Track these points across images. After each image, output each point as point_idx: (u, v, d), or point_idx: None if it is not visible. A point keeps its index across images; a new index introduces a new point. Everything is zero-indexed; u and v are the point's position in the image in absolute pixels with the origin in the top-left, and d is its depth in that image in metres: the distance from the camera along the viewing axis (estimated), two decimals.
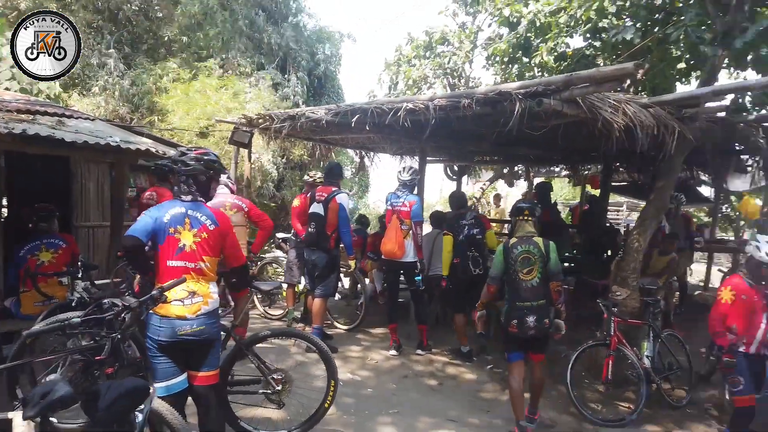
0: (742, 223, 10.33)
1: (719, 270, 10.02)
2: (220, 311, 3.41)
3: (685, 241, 8.39)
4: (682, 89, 7.28)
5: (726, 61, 6.36)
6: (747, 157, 7.19)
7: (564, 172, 12.19)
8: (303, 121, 6.56)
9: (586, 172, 11.12)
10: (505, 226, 11.29)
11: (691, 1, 5.38)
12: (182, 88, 11.86)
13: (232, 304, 6.24)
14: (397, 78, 12.12)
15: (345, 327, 7.27)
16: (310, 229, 6.16)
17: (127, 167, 6.83)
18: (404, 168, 6.32)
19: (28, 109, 6.07)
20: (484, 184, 13.24)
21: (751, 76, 7.55)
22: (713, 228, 10.37)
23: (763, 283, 4.16)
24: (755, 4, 5.26)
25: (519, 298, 4.26)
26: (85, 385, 2.73)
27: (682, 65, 7.02)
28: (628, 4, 5.60)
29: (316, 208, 6.10)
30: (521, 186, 13.63)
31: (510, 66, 8.50)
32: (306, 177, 7.40)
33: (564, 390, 5.14)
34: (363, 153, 10.38)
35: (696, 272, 11.52)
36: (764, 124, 6.14)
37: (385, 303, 6.94)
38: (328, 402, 4.13)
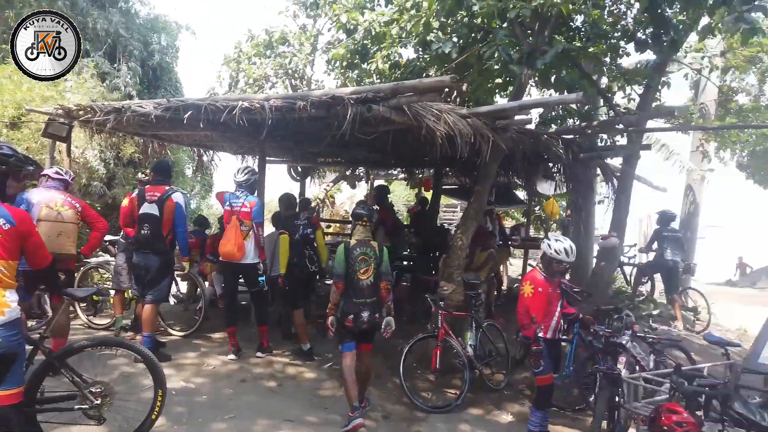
0: (552, 223, 11.75)
1: (530, 265, 11.31)
2: (34, 323, 3.05)
3: (500, 238, 9.37)
4: (501, 103, 8.10)
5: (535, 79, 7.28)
6: (552, 165, 8.19)
7: (401, 175, 12.82)
8: (129, 115, 6.08)
9: (421, 176, 11.83)
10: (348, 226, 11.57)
11: (504, 24, 6.00)
12: None
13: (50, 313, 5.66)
14: (237, 75, 11.79)
15: (181, 333, 6.88)
16: (142, 231, 5.75)
17: None
18: (240, 169, 6.17)
19: None
20: (328, 185, 13.45)
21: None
22: (527, 227, 11.66)
23: (557, 276, 4.77)
24: (554, 31, 6.04)
25: (356, 295, 4.65)
26: None
27: (499, 81, 7.83)
28: (450, 21, 6.07)
29: (149, 208, 5.70)
30: (363, 187, 14.09)
31: (348, 71, 8.72)
32: (140, 175, 6.92)
33: (398, 382, 5.41)
34: (202, 151, 9.93)
35: (516, 267, 12.88)
36: (564, 136, 7.09)
37: (223, 306, 6.73)
38: (155, 413, 3.92)
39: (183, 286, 8.04)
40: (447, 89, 8.22)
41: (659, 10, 5.44)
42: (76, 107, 6.81)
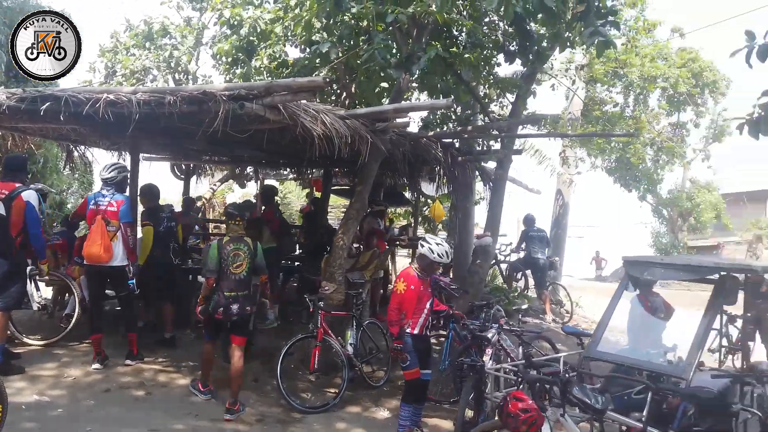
0: (438, 224, 12.19)
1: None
2: None
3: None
4: None
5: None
6: (434, 167, 8.50)
7: (291, 175, 12.70)
8: None
9: (311, 176, 11.78)
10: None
11: (384, 28, 6.14)
12: None
13: None
14: (114, 67, 11.05)
15: (41, 342, 6.30)
16: None
17: None
18: (107, 165, 5.83)
19: None
20: (215, 185, 13.00)
21: None
22: (415, 227, 12.01)
23: (431, 275, 4.96)
24: (433, 38, 6.28)
25: (228, 289, 4.94)
26: None
27: (386, 85, 8.01)
28: (333, 21, 6.12)
29: None
30: (254, 187, 13.77)
31: (235, 67, 8.50)
32: None
33: (276, 384, 5.35)
34: (71, 146, 9.17)
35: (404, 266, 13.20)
36: (442, 139, 7.40)
37: (88, 312, 6.28)
38: None
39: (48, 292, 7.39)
40: (338, 91, 8.39)
41: (524, 24, 5.82)
42: None
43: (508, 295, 9.10)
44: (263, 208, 8.48)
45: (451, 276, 9.39)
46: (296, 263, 9.38)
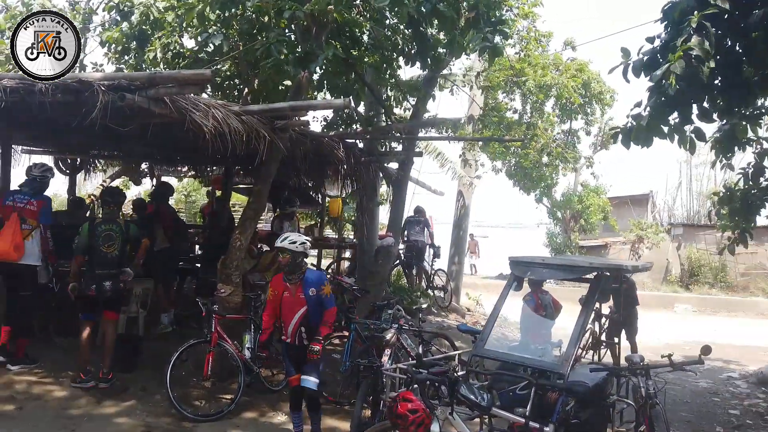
0: (343, 223, 12.18)
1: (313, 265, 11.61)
2: None
3: None
4: None
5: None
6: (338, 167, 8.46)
7: (190, 173, 12.17)
8: None
9: (211, 173, 11.34)
10: None
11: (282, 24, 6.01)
12: None
13: None
14: None
15: None
16: None
17: None
18: (37, 165, 5.90)
19: None
20: (105, 181, 12.14)
21: None
22: (321, 228, 11.91)
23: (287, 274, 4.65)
24: (334, 38, 6.22)
25: (100, 267, 5.27)
26: None
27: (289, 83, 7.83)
28: (228, 14, 5.89)
29: None
30: (149, 184, 13.03)
31: (125, 56, 7.97)
32: None
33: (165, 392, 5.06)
34: None
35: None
36: (345, 139, 7.36)
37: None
38: None
39: None
40: (240, 87, 8.09)
41: (420, 28, 5.92)
42: None
43: (411, 295, 9.24)
44: (155, 205, 8.00)
45: (355, 277, 9.44)
46: (195, 265, 8.98)
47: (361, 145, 8.20)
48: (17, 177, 6.50)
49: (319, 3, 5.29)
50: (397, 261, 10.18)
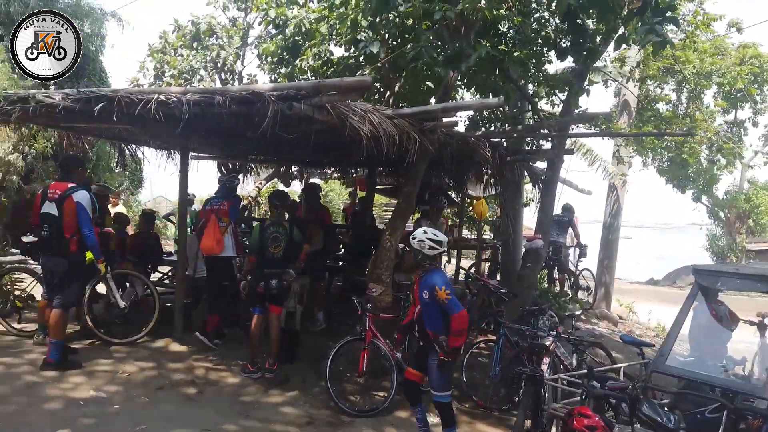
0: (482, 224, 11.95)
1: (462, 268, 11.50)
2: None
3: None
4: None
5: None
6: (481, 167, 8.29)
7: (335, 174, 12.70)
8: (35, 105, 5.62)
9: (355, 175, 11.74)
10: None
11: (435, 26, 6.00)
12: None
13: None
14: (163, 67, 11.28)
15: (121, 340, 6.27)
16: (42, 232, 5.36)
17: None
18: (224, 173, 6.58)
19: None
20: (261, 184, 13.14)
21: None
22: (460, 228, 11.81)
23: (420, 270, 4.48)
24: (480, 35, 6.09)
25: (267, 266, 5.64)
26: None
27: (431, 84, 7.84)
28: (379, 20, 6.01)
29: (49, 207, 5.31)
30: (298, 185, 13.87)
31: (279, 67, 8.51)
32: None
33: (324, 385, 5.29)
34: (122, 145, 9.40)
35: (450, 267, 13.01)
36: (490, 139, 7.18)
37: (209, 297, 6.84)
38: None
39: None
40: (381, 90, 8.29)
41: (577, 20, 5.57)
42: None
43: (558, 300, 8.80)
44: (308, 206, 8.38)
45: (498, 279, 9.21)
46: (341, 263, 9.32)
47: (506, 143, 7.96)
48: (192, 182, 7.24)
49: (470, 2, 5.20)
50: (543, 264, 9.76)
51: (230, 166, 11.17)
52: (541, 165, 8.34)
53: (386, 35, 6.45)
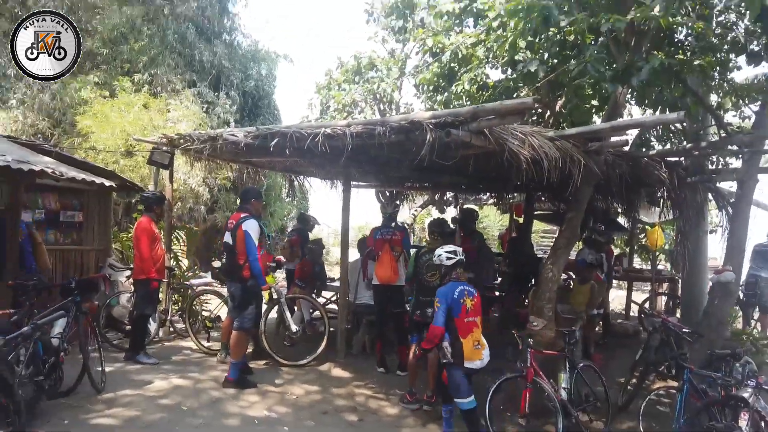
0: (657, 253, 10.77)
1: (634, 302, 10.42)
2: None
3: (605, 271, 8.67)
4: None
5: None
6: (655, 189, 7.49)
7: (490, 200, 12.43)
8: (222, 142, 6.32)
9: (511, 200, 11.38)
10: None
11: (597, 39, 5.60)
12: (104, 104, 11.26)
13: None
14: (327, 102, 12.08)
15: (292, 363, 6.68)
16: (223, 259, 5.96)
17: (23, 187, 6.35)
18: (386, 202, 6.80)
19: None
20: (416, 210, 13.32)
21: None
22: (630, 257, 10.77)
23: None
24: (653, 48, 5.53)
25: (423, 294, 5.55)
26: None
27: (595, 102, 7.32)
28: (539, 39, 5.76)
29: (227, 236, 5.87)
30: (452, 212, 13.83)
31: (436, 94, 8.60)
32: None
33: (484, 423, 5.01)
34: (292, 177, 10.19)
35: (620, 299, 11.89)
36: (667, 158, 6.46)
37: (375, 325, 7.10)
38: None
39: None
40: (540, 111, 7.97)
41: None
42: (177, 136, 7.19)
43: (756, 343, 7.53)
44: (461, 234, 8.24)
45: (678, 316, 8.17)
46: (497, 293, 9.00)
47: (685, 163, 7.11)
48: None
49: (642, 11, 4.75)
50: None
51: (387, 193, 11.54)
52: (730, 186, 7.30)
53: (545, 54, 6.16)
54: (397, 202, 7.35)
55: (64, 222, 7.72)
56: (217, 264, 7.57)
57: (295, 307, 7.75)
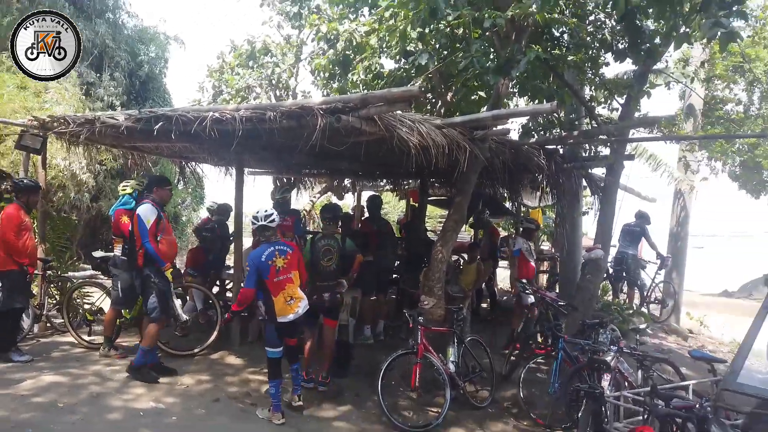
0: (540, 234, 11.59)
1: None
2: None
3: (490, 251, 9.24)
4: None
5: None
6: (536, 175, 8.06)
7: (388, 186, 12.70)
8: (101, 126, 5.92)
9: (407, 187, 11.70)
10: None
11: (481, 33, 5.91)
12: None
13: None
14: (221, 86, 11.71)
15: (184, 352, 6.46)
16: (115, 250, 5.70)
17: None
18: (275, 188, 6.66)
19: None
20: (314, 197, 13.32)
21: None
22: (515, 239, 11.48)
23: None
24: (532, 41, 5.94)
25: (320, 279, 5.62)
26: None
27: (482, 93, 7.72)
28: (428, 30, 5.97)
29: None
30: (351, 198, 13.98)
31: (331, 82, 8.62)
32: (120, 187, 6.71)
33: (377, 400, 5.21)
34: (183, 163, 9.78)
35: (506, 278, 12.67)
36: (546, 146, 6.98)
37: None
38: None
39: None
40: (433, 101, 8.27)
41: (635, 20, 5.34)
42: (50, 118, 6.64)
43: (622, 313, 8.39)
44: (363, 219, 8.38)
45: (557, 291, 8.89)
46: (394, 276, 9.25)
47: (562, 151, 7.71)
48: (248, 198, 7.36)
49: (521, 7, 5.08)
50: (604, 275, 9.33)
51: (284, 180, 11.44)
52: (600, 172, 8.04)
53: (436, 45, 6.39)
54: (287, 188, 7.26)
55: None
56: (98, 254, 7.02)
57: (187, 297, 7.51)
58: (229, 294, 8.44)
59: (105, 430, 4.34)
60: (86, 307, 7.37)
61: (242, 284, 5.05)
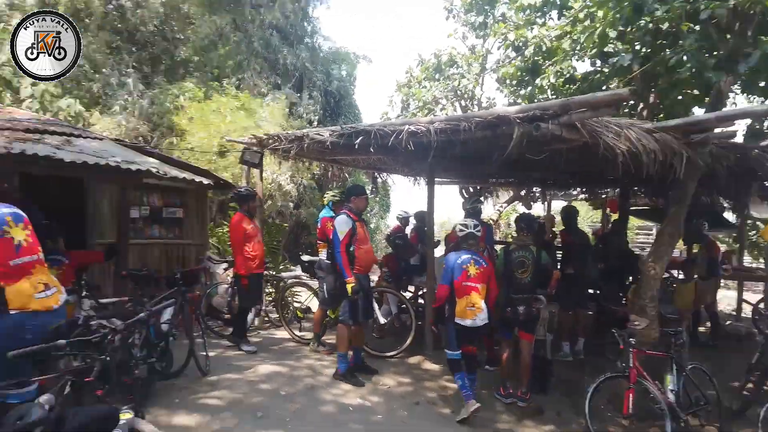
0: None
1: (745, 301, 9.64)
2: None
3: (709, 268, 8.05)
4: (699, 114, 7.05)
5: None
6: None
7: (581, 196, 11.93)
8: (309, 142, 6.51)
9: (604, 196, 10.86)
10: None
11: (695, 27, 5.23)
12: (197, 108, 11.94)
13: None
14: (408, 99, 12.13)
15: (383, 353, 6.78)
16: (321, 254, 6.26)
17: (131, 186, 6.83)
18: (467, 199, 6.67)
19: (36, 128, 6.11)
20: (502, 206, 13.04)
21: None
22: (740, 255, 9.93)
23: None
24: (760, 32, 5.08)
25: (515, 291, 5.46)
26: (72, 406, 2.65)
27: (695, 92, 6.83)
28: (630, 29, 5.46)
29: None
30: (539, 208, 13.39)
31: (519, 89, 8.41)
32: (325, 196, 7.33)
33: (583, 423, 4.85)
34: (376, 174, 10.33)
35: (730, 300, 11.00)
36: None
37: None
38: None
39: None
40: (632, 103, 7.54)
41: None
42: (266, 137, 7.48)
43: None
44: (561, 230, 7.92)
45: None
46: (593, 291, 8.57)
47: None
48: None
49: None
50: None
51: (471, 189, 11.41)
52: None
53: (637, 44, 5.83)
54: (480, 198, 7.11)
55: (167, 218, 8.27)
56: (306, 258, 7.75)
57: (383, 301, 7.86)
58: (420, 300, 8.67)
59: (319, 422, 4.71)
60: (296, 305, 8.17)
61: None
